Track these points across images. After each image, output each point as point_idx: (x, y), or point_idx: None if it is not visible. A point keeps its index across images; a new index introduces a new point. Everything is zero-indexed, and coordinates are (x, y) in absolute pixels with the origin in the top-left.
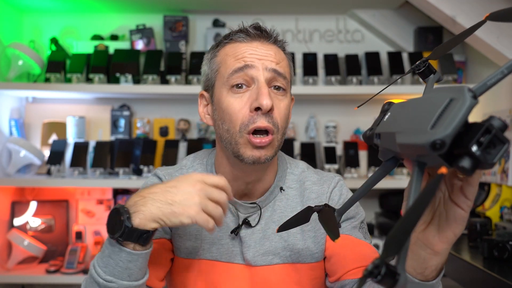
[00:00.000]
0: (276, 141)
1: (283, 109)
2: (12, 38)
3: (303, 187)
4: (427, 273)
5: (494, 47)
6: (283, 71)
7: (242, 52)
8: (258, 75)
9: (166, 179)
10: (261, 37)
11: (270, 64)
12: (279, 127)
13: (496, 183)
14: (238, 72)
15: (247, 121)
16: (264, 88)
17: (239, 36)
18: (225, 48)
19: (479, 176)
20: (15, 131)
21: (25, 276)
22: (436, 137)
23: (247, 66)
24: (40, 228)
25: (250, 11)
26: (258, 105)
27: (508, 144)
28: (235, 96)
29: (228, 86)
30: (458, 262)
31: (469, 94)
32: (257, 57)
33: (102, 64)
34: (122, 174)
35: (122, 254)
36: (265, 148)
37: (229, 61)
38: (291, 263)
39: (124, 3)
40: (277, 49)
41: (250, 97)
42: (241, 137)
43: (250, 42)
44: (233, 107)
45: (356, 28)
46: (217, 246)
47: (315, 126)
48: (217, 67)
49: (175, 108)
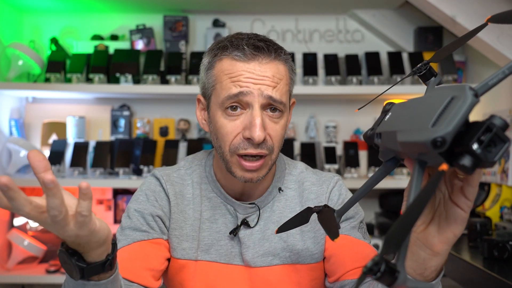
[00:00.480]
0: (269, 161)
1: (279, 130)
2: (12, 38)
3: (302, 187)
4: (426, 273)
5: (494, 47)
6: (280, 96)
7: (238, 74)
8: (253, 102)
9: (164, 179)
10: (259, 56)
11: (266, 89)
12: (274, 149)
13: (496, 183)
14: (233, 98)
15: (237, 144)
16: (257, 118)
17: (236, 54)
18: (221, 62)
19: (479, 176)
20: (15, 131)
21: (25, 276)
22: (437, 135)
23: (242, 93)
24: (40, 228)
25: (250, 11)
26: (249, 136)
27: (509, 143)
28: (229, 118)
29: (222, 108)
30: (458, 262)
31: (470, 92)
32: (253, 81)
33: (102, 64)
34: (122, 174)
35: (89, 285)
36: (257, 171)
37: (224, 82)
38: (290, 264)
39: (124, 3)
40: (276, 65)
41: (243, 122)
42: (232, 156)
43: (248, 62)
44: (225, 129)
45: (356, 28)
46: (216, 247)
47: (315, 126)
48: (213, 83)
49: (175, 108)
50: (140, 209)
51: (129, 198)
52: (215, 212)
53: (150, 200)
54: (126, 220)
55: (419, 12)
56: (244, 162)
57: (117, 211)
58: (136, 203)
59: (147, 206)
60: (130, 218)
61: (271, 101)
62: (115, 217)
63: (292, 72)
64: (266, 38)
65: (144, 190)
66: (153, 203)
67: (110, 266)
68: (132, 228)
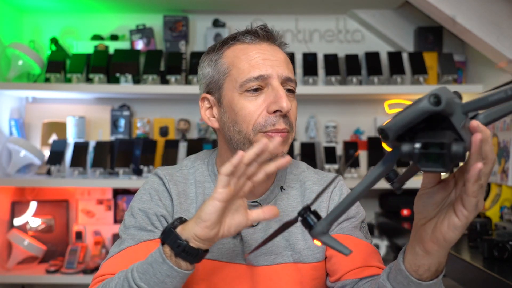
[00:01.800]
0: (290, 138)
1: (294, 109)
2: (12, 38)
3: (304, 187)
4: (420, 271)
5: (494, 47)
6: (293, 76)
7: (254, 58)
8: (273, 82)
9: (167, 179)
10: (269, 38)
11: (283, 71)
12: (293, 127)
13: (496, 183)
14: (253, 81)
15: (263, 122)
16: (282, 91)
17: (247, 38)
18: (233, 49)
19: (478, 188)
20: (15, 131)
21: (25, 276)
22: (382, 126)
23: (262, 77)
24: (40, 228)
25: (250, 11)
26: (278, 108)
27: (443, 171)
28: (249, 98)
29: (241, 90)
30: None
31: (430, 99)
32: (270, 64)
33: (102, 64)
34: (122, 174)
35: (164, 266)
36: (282, 143)
37: (242, 65)
38: (292, 263)
39: (124, 3)
40: (284, 54)
41: (266, 99)
42: (256, 135)
43: (259, 44)
44: (248, 109)
45: (356, 28)
46: (218, 246)
47: (315, 126)
48: (227, 69)
49: (175, 108)
50: (144, 208)
51: (129, 198)
52: None
53: (154, 199)
54: (130, 219)
55: (419, 12)
56: (273, 133)
57: (117, 211)
58: (140, 202)
59: (151, 205)
60: (135, 217)
61: (288, 82)
62: (115, 217)
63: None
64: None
65: (147, 189)
66: (157, 202)
67: (187, 256)
68: (137, 228)
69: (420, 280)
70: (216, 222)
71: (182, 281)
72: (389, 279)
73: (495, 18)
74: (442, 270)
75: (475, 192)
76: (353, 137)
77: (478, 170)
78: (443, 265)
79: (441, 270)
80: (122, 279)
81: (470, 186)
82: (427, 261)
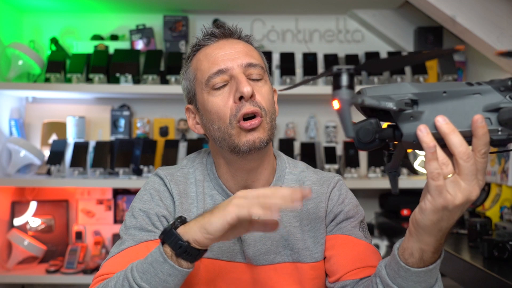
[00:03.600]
0: (266, 124)
1: (265, 94)
2: (12, 38)
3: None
4: (406, 255)
5: (494, 47)
6: (257, 61)
7: (213, 55)
8: (234, 72)
9: (168, 179)
10: (225, 35)
11: (243, 60)
12: (266, 110)
13: (496, 183)
14: (214, 77)
15: (234, 111)
16: (242, 77)
17: (205, 40)
18: (196, 56)
19: (437, 171)
20: (15, 131)
21: (25, 276)
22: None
23: (222, 71)
24: (40, 228)
25: (250, 11)
26: (240, 94)
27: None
28: (217, 94)
29: (208, 89)
30: (458, 262)
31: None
32: (229, 58)
33: (102, 64)
34: (122, 174)
35: (165, 266)
36: (256, 130)
37: (203, 66)
38: (292, 262)
39: (124, 3)
40: (244, 44)
41: (231, 90)
42: (233, 128)
43: (217, 42)
44: (217, 104)
45: (356, 28)
46: (218, 244)
47: (315, 126)
48: (193, 75)
49: (175, 108)
50: (145, 208)
51: (129, 198)
52: None
53: (155, 199)
54: (131, 219)
55: (419, 12)
56: (244, 123)
57: (117, 211)
58: (141, 202)
59: (152, 205)
60: (135, 218)
61: (251, 67)
62: (115, 217)
63: (261, 54)
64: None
65: (148, 190)
66: (158, 202)
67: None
68: (137, 228)
69: (407, 265)
70: (220, 236)
71: (183, 279)
72: (385, 267)
73: (495, 18)
74: (429, 261)
75: (432, 174)
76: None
77: (428, 152)
78: (428, 255)
79: (428, 260)
80: (122, 278)
81: (426, 166)
82: (409, 244)
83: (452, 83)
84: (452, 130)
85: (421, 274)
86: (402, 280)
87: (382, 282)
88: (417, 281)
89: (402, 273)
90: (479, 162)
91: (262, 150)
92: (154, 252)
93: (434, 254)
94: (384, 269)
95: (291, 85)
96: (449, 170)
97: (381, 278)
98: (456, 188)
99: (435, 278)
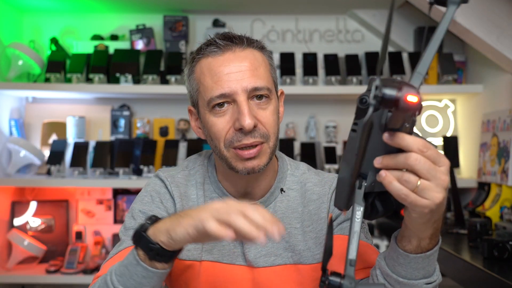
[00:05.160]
0: (268, 148)
1: (269, 116)
2: (12, 38)
3: (304, 188)
4: (404, 242)
5: (494, 47)
6: (263, 83)
7: (217, 73)
8: (237, 97)
9: (169, 181)
10: (231, 46)
11: (248, 83)
12: (269, 135)
13: (496, 183)
14: (216, 99)
15: (231, 138)
16: (244, 106)
17: (210, 51)
18: (200, 64)
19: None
20: (15, 131)
21: (25, 276)
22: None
23: (224, 95)
24: (40, 228)
25: (250, 11)
26: (240, 126)
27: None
28: (217, 115)
29: (209, 108)
30: (458, 262)
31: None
32: (234, 78)
33: (102, 64)
34: (122, 174)
35: (138, 268)
36: (256, 158)
37: (206, 83)
38: (292, 264)
39: (124, 3)
40: (252, 53)
41: (232, 115)
42: (228, 151)
43: (222, 55)
44: (216, 127)
45: (356, 28)
46: (218, 247)
47: (315, 126)
48: (197, 86)
49: (175, 108)
50: (145, 210)
51: (129, 198)
52: None
53: (155, 201)
54: (131, 221)
55: (419, 12)
56: (241, 152)
57: (117, 211)
58: (141, 204)
59: (152, 207)
60: (135, 219)
61: (256, 91)
62: (115, 217)
63: (270, 59)
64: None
65: (149, 191)
66: (158, 204)
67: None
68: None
69: (405, 252)
70: (183, 244)
71: (160, 280)
72: (385, 258)
73: (495, 18)
74: (427, 248)
75: (399, 196)
76: None
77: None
78: (425, 242)
79: (425, 247)
80: (103, 282)
81: (390, 190)
82: (406, 232)
83: (348, 142)
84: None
85: (419, 260)
86: (401, 267)
87: (382, 273)
88: (416, 268)
89: (401, 260)
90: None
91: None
92: (129, 254)
93: (432, 241)
94: (383, 260)
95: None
96: (413, 182)
97: (380, 269)
98: (430, 191)
99: (434, 268)
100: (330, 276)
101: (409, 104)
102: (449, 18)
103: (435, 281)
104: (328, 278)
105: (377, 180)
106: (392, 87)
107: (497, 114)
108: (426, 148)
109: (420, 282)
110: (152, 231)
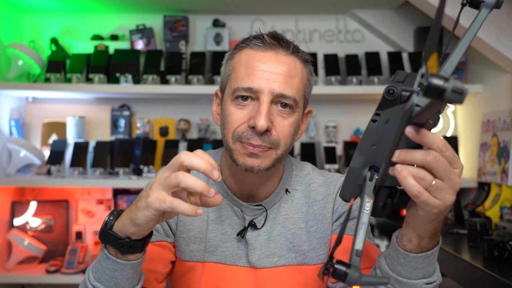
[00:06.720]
0: (274, 155)
1: (286, 127)
2: (12, 38)
3: (309, 189)
4: (404, 241)
5: (494, 47)
6: (292, 93)
7: (252, 66)
8: (262, 96)
9: None
10: (276, 47)
11: (277, 87)
12: (280, 143)
13: (496, 183)
14: (242, 91)
15: (241, 133)
16: (264, 107)
17: (255, 43)
18: (241, 53)
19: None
20: (15, 131)
21: (25, 276)
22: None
23: (251, 90)
24: (40, 228)
25: (250, 11)
26: (253, 124)
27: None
28: (237, 107)
29: (232, 97)
30: (458, 262)
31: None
32: (265, 77)
33: (102, 64)
34: (122, 174)
35: (108, 262)
36: (259, 157)
37: (239, 72)
38: (296, 265)
39: (124, 3)
40: (294, 61)
41: (251, 112)
42: (234, 143)
43: (265, 51)
44: (232, 116)
45: (356, 28)
46: (222, 248)
47: (315, 126)
48: (229, 72)
49: (175, 108)
50: None
51: (129, 198)
52: (221, 214)
53: None
54: None
55: (419, 12)
56: (246, 145)
57: None
58: None
59: None
60: None
61: (282, 98)
62: None
63: (310, 74)
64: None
65: None
66: None
67: (128, 248)
68: None
69: (405, 251)
70: (151, 226)
71: (134, 270)
72: (385, 257)
73: (495, 18)
74: (427, 247)
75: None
76: (353, 137)
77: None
78: (425, 241)
79: (425, 246)
80: (83, 280)
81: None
82: (407, 231)
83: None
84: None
85: (420, 260)
86: (401, 267)
87: (382, 272)
88: (416, 268)
89: (401, 259)
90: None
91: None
92: (101, 250)
93: (432, 240)
94: (383, 259)
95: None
96: (429, 180)
97: (380, 268)
98: (442, 191)
99: (434, 268)
100: (335, 264)
101: (456, 93)
102: (480, 21)
103: (435, 281)
104: (334, 265)
105: (390, 174)
106: (439, 77)
107: (497, 114)
108: (446, 148)
109: (420, 282)
110: (117, 227)
